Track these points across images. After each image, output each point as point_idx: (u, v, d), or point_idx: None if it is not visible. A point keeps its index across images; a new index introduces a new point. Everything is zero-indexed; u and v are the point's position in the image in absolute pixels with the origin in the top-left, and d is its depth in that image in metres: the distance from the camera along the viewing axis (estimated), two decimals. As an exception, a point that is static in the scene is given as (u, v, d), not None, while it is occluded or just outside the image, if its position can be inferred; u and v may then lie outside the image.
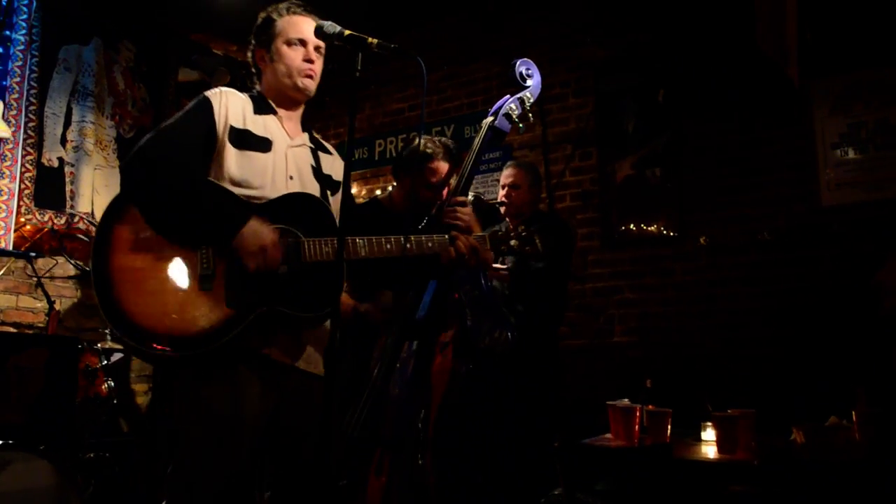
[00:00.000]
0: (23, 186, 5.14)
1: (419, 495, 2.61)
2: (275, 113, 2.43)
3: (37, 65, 5.27)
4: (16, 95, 5.11)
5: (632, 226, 5.21)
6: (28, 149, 5.18)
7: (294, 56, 2.41)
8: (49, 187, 5.30)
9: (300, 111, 2.53)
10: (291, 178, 2.35)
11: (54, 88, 5.37)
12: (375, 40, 2.19)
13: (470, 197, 4.02)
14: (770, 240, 4.67)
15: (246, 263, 2.12)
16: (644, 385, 3.22)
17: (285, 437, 2.28)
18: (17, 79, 5.14)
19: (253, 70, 2.50)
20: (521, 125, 2.97)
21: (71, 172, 5.42)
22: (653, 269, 5.09)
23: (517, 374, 3.59)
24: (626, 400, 3.10)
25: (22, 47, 5.18)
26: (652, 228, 5.13)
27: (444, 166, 3.19)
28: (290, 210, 2.24)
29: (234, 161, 2.26)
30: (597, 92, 5.46)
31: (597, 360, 5.14)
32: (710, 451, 2.83)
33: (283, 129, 2.42)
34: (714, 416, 2.80)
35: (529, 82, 2.95)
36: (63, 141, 5.40)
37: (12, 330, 5.00)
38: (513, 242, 2.45)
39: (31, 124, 5.20)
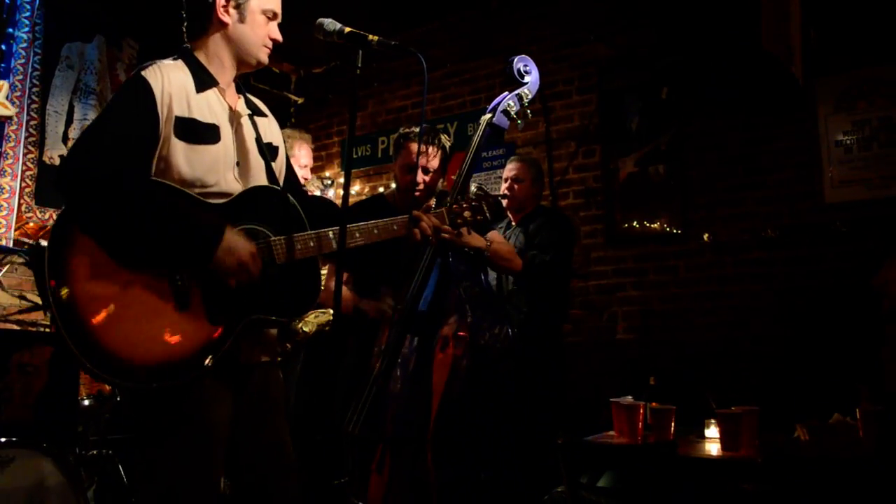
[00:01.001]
0: (24, 184, 5.14)
1: (421, 492, 2.61)
2: (216, 84, 2.13)
3: (39, 62, 5.27)
4: (18, 93, 5.11)
5: (635, 223, 5.20)
6: (30, 147, 5.18)
7: (266, 28, 2.15)
8: (50, 185, 5.29)
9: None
10: (238, 163, 2.10)
11: (56, 86, 5.38)
12: (376, 38, 2.19)
13: (474, 188, 4.04)
14: (774, 237, 4.66)
15: (227, 282, 1.95)
16: (647, 382, 3.21)
17: (245, 429, 2.13)
18: (20, 76, 5.14)
19: (202, 16, 2.13)
20: (519, 121, 2.97)
21: (73, 170, 5.41)
22: (656, 266, 5.08)
23: (519, 371, 3.59)
24: (630, 397, 3.10)
25: (25, 45, 5.18)
26: (655, 226, 5.12)
27: (411, 146, 3.20)
28: (253, 207, 2.06)
29: (183, 157, 1.98)
30: (600, 89, 5.45)
31: (600, 358, 5.13)
32: (713, 448, 2.82)
33: (224, 101, 2.13)
34: (718, 414, 2.79)
35: (527, 79, 2.95)
36: (65, 139, 5.40)
37: (15, 327, 5.00)
38: (466, 214, 2.50)
39: (32, 122, 5.20)
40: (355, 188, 6.49)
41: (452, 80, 6.21)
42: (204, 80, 2.09)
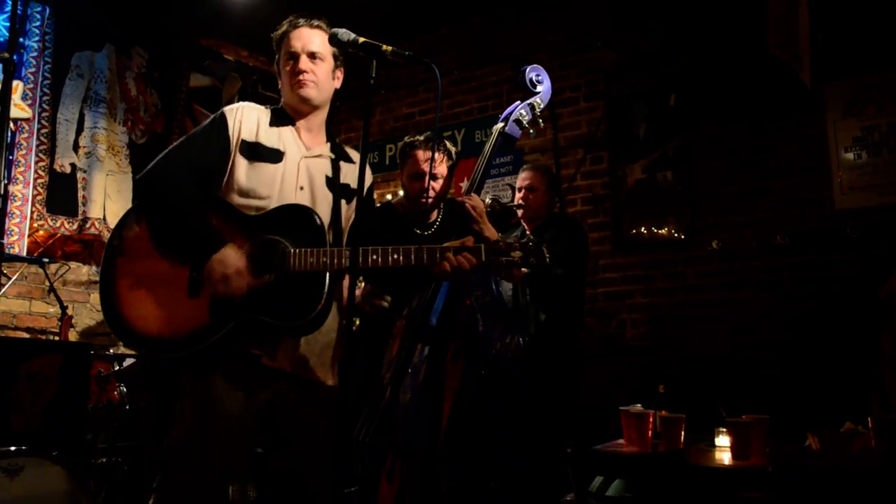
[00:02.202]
0: (35, 192, 5.17)
1: (431, 501, 2.60)
2: (292, 124, 2.50)
3: (49, 71, 5.30)
4: (29, 102, 5.14)
5: (643, 230, 5.19)
6: (41, 155, 5.21)
7: (287, 71, 2.48)
8: (61, 193, 5.32)
9: (320, 120, 2.57)
10: (302, 188, 2.43)
11: (67, 95, 5.40)
12: (390, 48, 2.20)
13: (488, 200, 4.05)
14: (783, 244, 4.64)
15: (211, 288, 2.24)
16: (657, 390, 3.20)
17: (275, 438, 2.38)
18: (31, 85, 5.17)
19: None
20: (531, 130, 2.98)
21: (83, 178, 5.45)
22: (665, 273, 5.07)
23: (531, 380, 3.59)
24: (639, 405, 3.09)
25: (35, 54, 5.21)
26: (663, 232, 5.11)
27: (424, 154, 3.21)
28: (282, 221, 2.32)
29: (244, 172, 2.37)
30: (608, 96, 5.45)
31: (609, 365, 5.12)
32: (724, 457, 2.81)
33: (299, 139, 2.49)
34: (728, 422, 2.78)
35: (539, 88, 2.95)
36: (75, 147, 5.43)
37: (25, 335, 5.02)
38: (515, 254, 2.28)
39: (43, 130, 5.23)
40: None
41: (460, 88, 6.22)
42: (280, 118, 2.50)
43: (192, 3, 5.54)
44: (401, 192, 3.52)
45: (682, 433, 2.88)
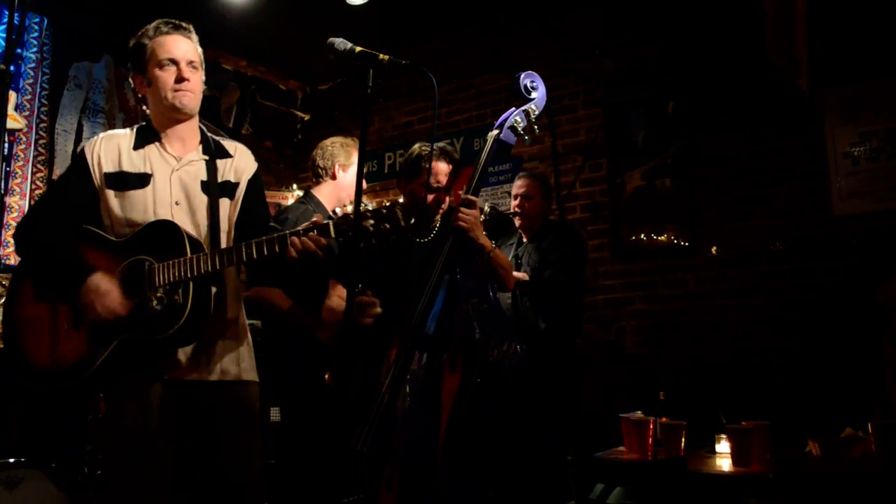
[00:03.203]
0: (33, 203, 5.16)
1: (430, 510, 2.59)
2: (158, 140, 2.49)
3: (48, 82, 5.30)
4: (27, 113, 5.14)
5: (643, 236, 5.19)
6: (38, 166, 5.20)
7: (167, 78, 2.43)
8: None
9: (192, 125, 2.54)
10: (177, 203, 2.43)
11: (65, 105, 5.40)
12: (387, 57, 2.21)
13: (486, 208, 4.03)
14: (782, 250, 4.64)
15: (84, 316, 2.29)
16: (657, 397, 3.20)
17: (205, 445, 2.43)
18: (28, 96, 5.17)
19: (139, 96, 2.55)
20: (527, 137, 2.98)
21: (82, 189, 5.44)
22: (664, 280, 5.07)
23: (529, 387, 3.58)
24: (640, 412, 3.08)
25: (33, 65, 5.22)
26: (662, 239, 5.11)
27: (440, 166, 3.19)
28: (148, 239, 2.34)
29: (116, 204, 2.40)
30: (606, 103, 5.45)
31: (609, 372, 5.11)
32: (724, 463, 2.81)
33: (167, 154, 2.48)
34: (728, 429, 2.78)
35: (534, 94, 2.95)
36: (73, 157, 5.43)
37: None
38: (366, 223, 2.18)
39: (41, 141, 5.23)
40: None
41: (458, 96, 6.22)
42: (145, 138, 2.48)
43: (189, 14, 5.52)
44: (399, 200, 3.51)
45: (683, 440, 2.88)
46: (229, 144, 2.62)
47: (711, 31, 4.94)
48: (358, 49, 2.23)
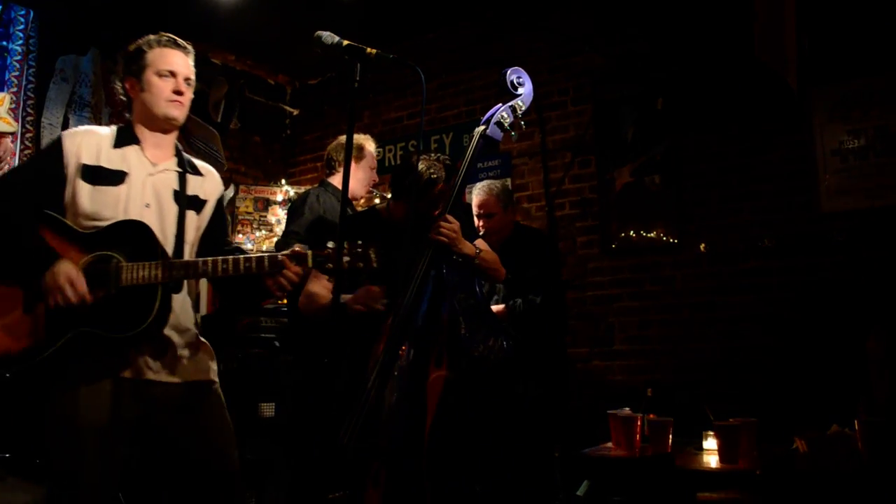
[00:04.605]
0: None
1: (417, 506, 2.59)
2: (137, 143, 2.53)
3: (34, 75, 5.26)
4: (13, 105, 5.10)
5: (631, 233, 5.19)
6: (25, 159, 5.16)
7: (164, 87, 2.50)
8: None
9: (171, 137, 2.61)
10: (148, 205, 2.46)
11: (51, 99, 5.35)
12: (374, 50, 2.20)
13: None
14: (770, 247, 4.65)
15: (48, 300, 2.26)
16: (645, 394, 3.20)
17: (165, 444, 2.49)
18: (14, 89, 5.13)
19: (124, 98, 2.60)
20: (513, 133, 2.98)
21: (68, 182, 5.41)
22: (653, 276, 5.08)
23: (515, 383, 3.58)
24: (627, 409, 3.09)
25: (19, 58, 5.18)
26: (651, 236, 5.12)
27: (447, 189, 3.17)
28: (118, 236, 2.35)
29: (87, 196, 2.39)
30: (595, 100, 5.45)
31: (596, 369, 5.12)
32: (712, 460, 2.81)
33: (144, 157, 2.52)
34: (716, 426, 2.79)
35: (521, 90, 2.96)
36: (60, 151, 5.39)
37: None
38: (346, 259, 2.30)
39: (27, 135, 5.19)
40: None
41: (448, 91, 6.21)
42: (125, 138, 2.51)
43: (178, 8, 5.51)
44: (388, 196, 3.48)
45: (670, 436, 2.89)
46: (202, 165, 2.71)
47: (701, 29, 4.95)
48: (345, 43, 2.22)
